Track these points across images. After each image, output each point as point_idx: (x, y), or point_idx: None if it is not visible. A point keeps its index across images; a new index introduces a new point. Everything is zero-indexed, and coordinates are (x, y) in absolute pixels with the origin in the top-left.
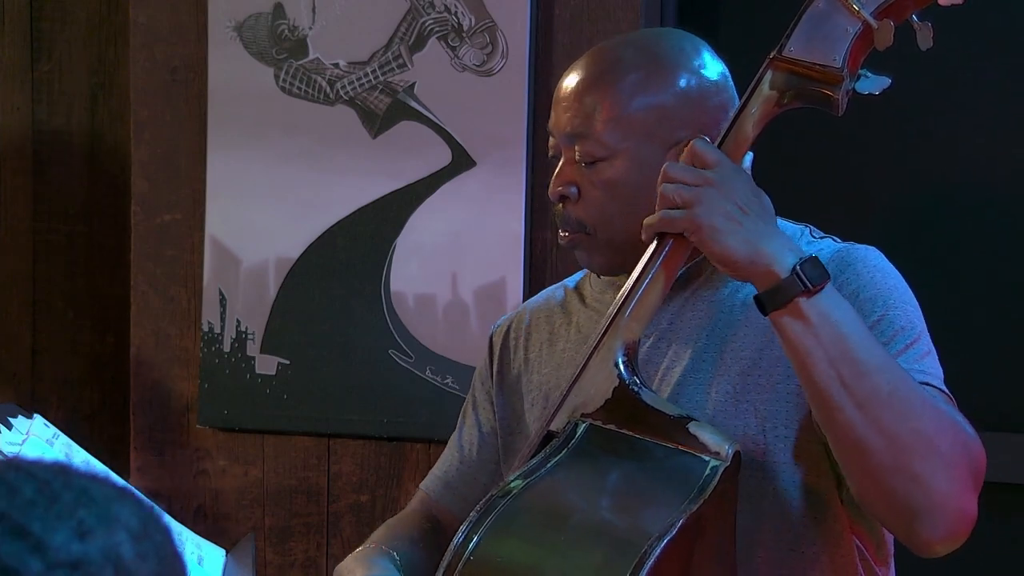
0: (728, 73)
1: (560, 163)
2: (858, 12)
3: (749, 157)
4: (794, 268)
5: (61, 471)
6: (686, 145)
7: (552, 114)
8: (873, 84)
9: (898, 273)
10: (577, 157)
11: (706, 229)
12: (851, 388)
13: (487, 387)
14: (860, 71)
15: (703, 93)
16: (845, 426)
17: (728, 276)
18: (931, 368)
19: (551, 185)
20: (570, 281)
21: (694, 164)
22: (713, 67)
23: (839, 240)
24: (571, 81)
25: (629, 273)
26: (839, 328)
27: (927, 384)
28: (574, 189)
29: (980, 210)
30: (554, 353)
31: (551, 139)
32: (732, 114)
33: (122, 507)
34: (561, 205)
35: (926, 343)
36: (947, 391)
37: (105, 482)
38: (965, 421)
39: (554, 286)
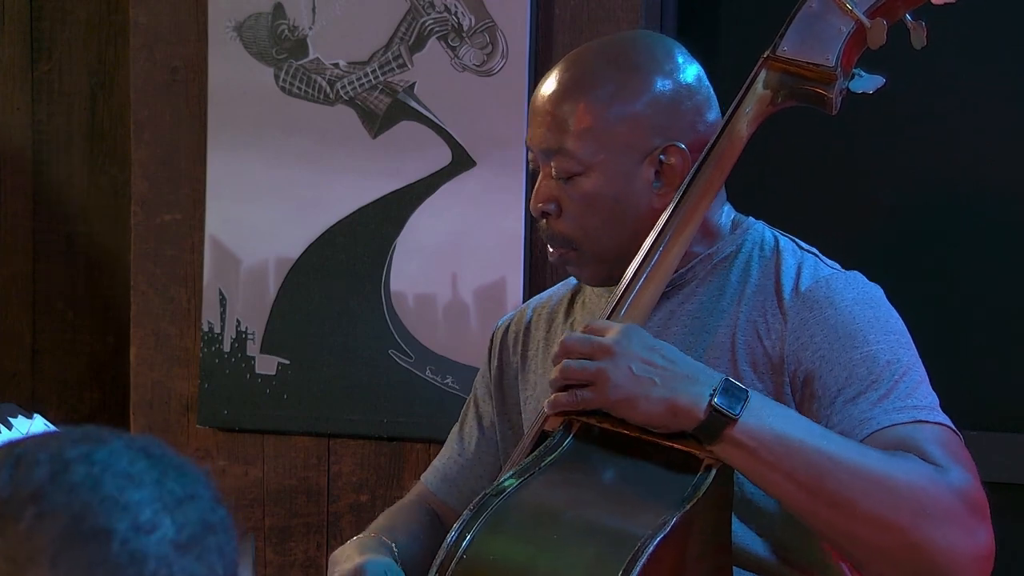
0: (703, 74)
1: (539, 179)
2: (851, 11)
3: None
4: (710, 404)
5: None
6: (662, 152)
7: (528, 128)
8: (867, 83)
9: (880, 296)
10: (554, 173)
11: (622, 403)
12: (816, 491)
13: (487, 383)
14: (854, 70)
15: (677, 98)
16: (829, 526)
17: (712, 282)
18: (922, 400)
19: (531, 202)
20: (574, 281)
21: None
22: (686, 69)
23: (822, 257)
24: (543, 94)
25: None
26: (780, 440)
27: (920, 422)
28: (554, 205)
29: (978, 210)
30: (550, 353)
31: (530, 153)
32: (727, 113)
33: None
34: (545, 222)
35: (915, 372)
36: (941, 419)
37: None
38: (947, 462)
39: (560, 284)
